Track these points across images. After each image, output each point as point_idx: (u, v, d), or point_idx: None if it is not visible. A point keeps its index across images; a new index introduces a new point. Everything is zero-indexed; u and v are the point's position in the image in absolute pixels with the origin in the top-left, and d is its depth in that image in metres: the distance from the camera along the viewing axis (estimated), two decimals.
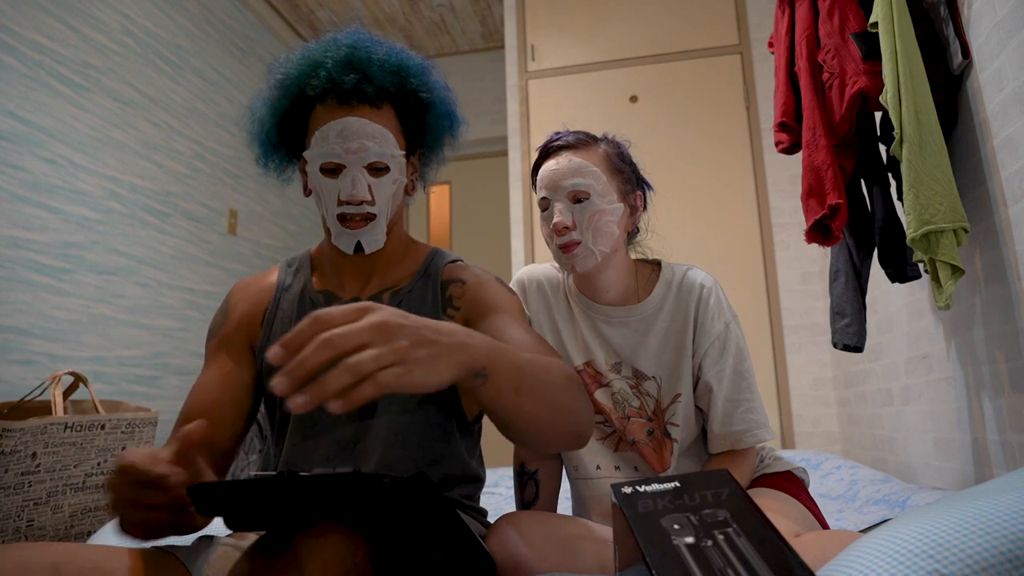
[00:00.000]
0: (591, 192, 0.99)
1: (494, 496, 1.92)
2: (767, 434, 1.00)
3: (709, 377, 1.01)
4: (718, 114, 2.84)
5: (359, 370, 0.52)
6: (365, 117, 0.89)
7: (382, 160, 0.90)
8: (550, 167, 1.02)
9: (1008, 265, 1.28)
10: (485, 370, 0.64)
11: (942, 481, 1.67)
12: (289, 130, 0.96)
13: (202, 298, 2.94)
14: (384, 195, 0.92)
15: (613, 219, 1.00)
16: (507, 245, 3.59)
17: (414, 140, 0.99)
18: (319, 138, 0.89)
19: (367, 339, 0.54)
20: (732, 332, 1.01)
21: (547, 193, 1.01)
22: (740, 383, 1.00)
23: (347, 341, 0.53)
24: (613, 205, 1.00)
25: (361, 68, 0.89)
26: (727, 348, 1.00)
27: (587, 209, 0.99)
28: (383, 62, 0.91)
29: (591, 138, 1.05)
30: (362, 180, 0.89)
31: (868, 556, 0.46)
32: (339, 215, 0.91)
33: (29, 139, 2.13)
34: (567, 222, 0.98)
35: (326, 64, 0.89)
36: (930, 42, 1.43)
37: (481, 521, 0.98)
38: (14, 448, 1.42)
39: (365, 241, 0.92)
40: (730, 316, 1.03)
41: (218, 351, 0.95)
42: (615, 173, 1.03)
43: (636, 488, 0.54)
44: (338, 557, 0.58)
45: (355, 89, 0.89)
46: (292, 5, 3.72)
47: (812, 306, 2.63)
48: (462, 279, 0.97)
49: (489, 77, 4.16)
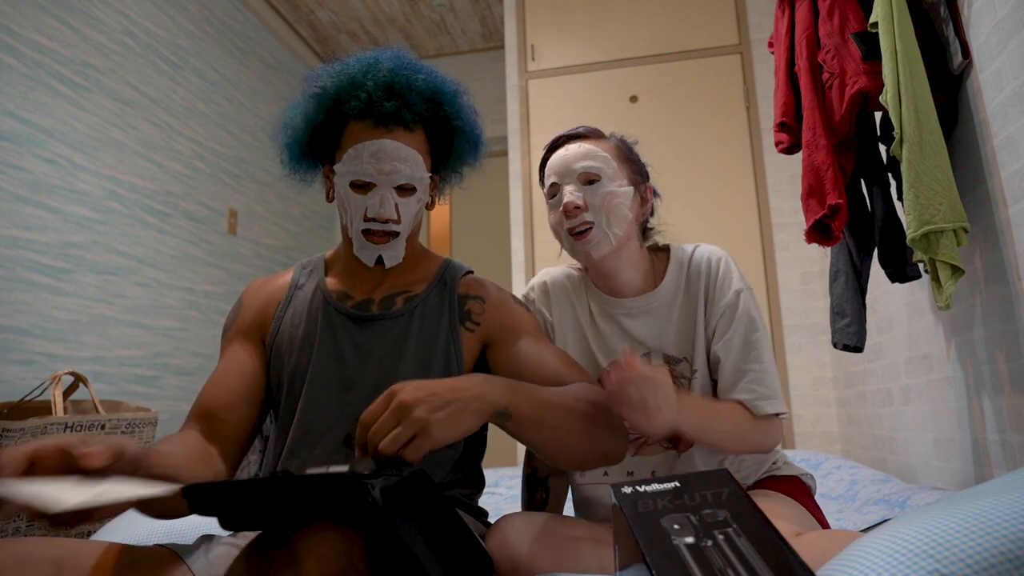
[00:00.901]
0: (602, 175, 0.99)
1: (494, 496, 1.91)
2: (773, 406, 0.96)
3: (718, 348, 0.99)
4: (718, 114, 2.84)
5: (389, 452, 0.67)
6: (399, 140, 0.92)
7: (411, 182, 0.93)
8: (560, 154, 1.02)
9: (1008, 265, 1.28)
10: (507, 410, 0.74)
11: (942, 481, 1.67)
12: (320, 140, 0.99)
13: (202, 298, 2.94)
14: (409, 214, 0.95)
15: (625, 201, 1.00)
16: (507, 245, 3.59)
17: (439, 160, 1.02)
18: (352, 155, 0.91)
19: (392, 424, 0.68)
20: (743, 301, 1.00)
21: (556, 178, 1.01)
22: (749, 353, 0.98)
23: (381, 432, 0.68)
24: (624, 188, 1.00)
25: (401, 94, 0.92)
26: (737, 318, 0.99)
27: (599, 190, 0.98)
28: (421, 90, 0.94)
29: (599, 131, 1.06)
30: (390, 200, 0.92)
31: (868, 556, 0.46)
32: (364, 230, 0.94)
33: (29, 139, 2.13)
34: (578, 202, 0.98)
35: (367, 86, 0.92)
36: (930, 42, 1.43)
37: (482, 521, 0.98)
38: None
39: (387, 256, 0.95)
40: (741, 285, 1.01)
41: (232, 343, 0.98)
42: (625, 161, 1.03)
43: (636, 488, 0.54)
44: (334, 554, 0.59)
45: (394, 114, 0.92)
46: (292, 5, 3.71)
47: (812, 306, 2.63)
48: (481, 296, 1.00)
49: (489, 77, 4.16)
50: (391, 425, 0.67)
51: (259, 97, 3.52)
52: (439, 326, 0.96)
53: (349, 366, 0.93)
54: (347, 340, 0.94)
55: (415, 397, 0.69)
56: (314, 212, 4.02)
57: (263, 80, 3.59)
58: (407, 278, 1.01)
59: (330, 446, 0.90)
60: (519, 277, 2.86)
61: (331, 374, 0.93)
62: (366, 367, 0.93)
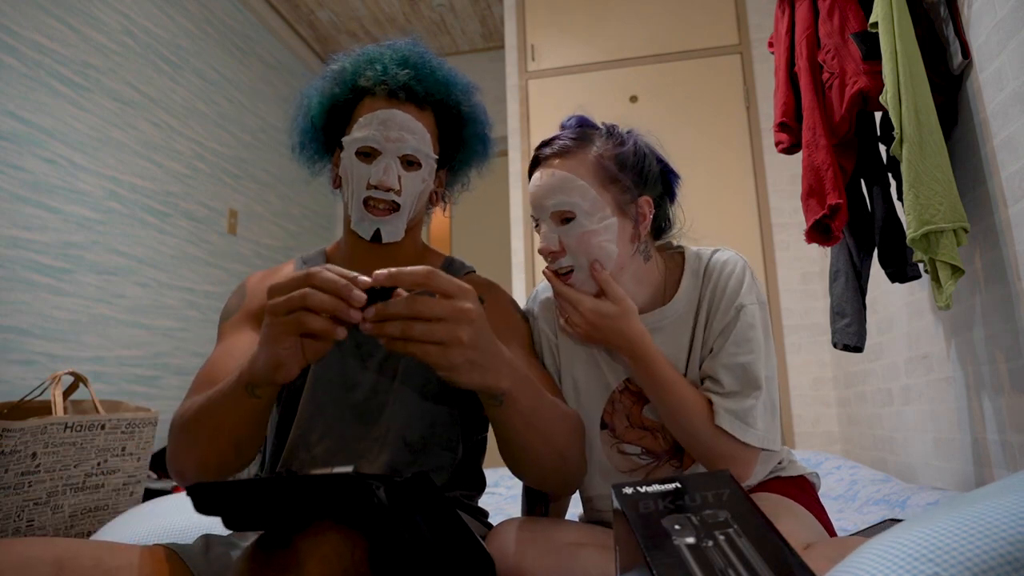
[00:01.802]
0: (576, 211, 0.87)
1: (494, 496, 1.92)
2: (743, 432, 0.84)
3: (709, 368, 0.89)
4: (718, 114, 2.84)
5: (407, 330, 0.62)
6: (409, 113, 0.93)
7: (416, 155, 0.93)
8: (535, 182, 0.93)
9: (1008, 265, 1.28)
10: (503, 396, 0.70)
11: (942, 481, 1.67)
12: (334, 120, 0.99)
13: (202, 298, 2.94)
14: (411, 189, 0.94)
15: (607, 238, 0.88)
16: (507, 245, 3.59)
17: (448, 152, 1.02)
18: (362, 124, 0.93)
19: (445, 315, 0.62)
20: (743, 317, 0.87)
21: (534, 211, 0.93)
22: (747, 378, 0.86)
23: (431, 309, 0.62)
24: (605, 222, 0.88)
25: (414, 68, 0.94)
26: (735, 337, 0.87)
27: (573, 231, 0.88)
28: (435, 69, 0.96)
29: (584, 138, 0.93)
30: (394, 169, 0.92)
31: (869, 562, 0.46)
32: (365, 199, 0.93)
33: (29, 139, 2.13)
34: (552, 246, 0.89)
35: (382, 59, 0.94)
36: (930, 42, 1.43)
37: (482, 522, 0.98)
38: (14, 448, 1.42)
39: (385, 230, 0.93)
40: (746, 301, 0.88)
41: (236, 326, 0.96)
42: (609, 183, 0.89)
43: (637, 489, 0.54)
44: (336, 555, 0.59)
45: (405, 86, 0.93)
46: (292, 5, 3.71)
47: (812, 306, 2.63)
48: (481, 297, 0.98)
49: (489, 77, 4.16)
50: (442, 315, 0.62)
51: (259, 97, 3.52)
52: None
53: (350, 365, 0.93)
54: (348, 338, 0.94)
55: (474, 320, 0.64)
56: (314, 212, 4.02)
57: (263, 80, 3.58)
58: None
59: (330, 446, 0.90)
60: (519, 277, 2.86)
61: (331, 373, 0.92)
62: (367, 366, 0.93)
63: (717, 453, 0.86)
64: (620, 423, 0.95)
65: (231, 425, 0.73)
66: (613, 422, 0.96)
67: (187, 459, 0.77)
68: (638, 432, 0.95)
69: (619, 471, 0.95)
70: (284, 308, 0.63)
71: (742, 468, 0.87)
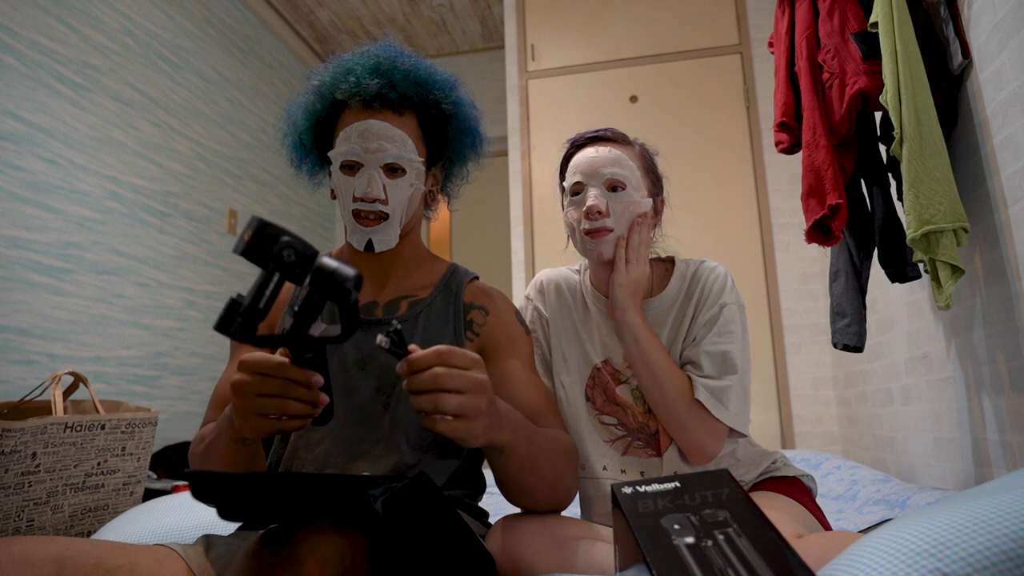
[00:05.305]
0: (627, 183, 1.01)
1: (495, 496, 1.91)
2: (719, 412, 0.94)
3: (690, 354, 1.00)
4: (718, 114, 2.84)
5: (440, 405, 0.66)
6: (387, 121, 0.94)
7: (399, 162, 0.93)
8: (589, 154, 1.03)
9: (1008, 265, 1.28)
10: (505, 448, 0.76)
11: (942, 481, 1.67)
12: (322, 134, 1.00)
13: (202, 298, 2.94)
14: (398, 197, 0.94)
15: (645, 211, 1.03)
16: (507, 245, 3.60)
17: (436, 151, 1.02)
18: (343, 138, 0.94)
19: (466, 388, 0.67)
20: (725, 313, 0.99)
21: (582, 178, 1.03)
22: (725, 364, 0.97)
23: (451, 383, 0.66)
24: (645, 199, 1.04)
25: (386, 75, 0.94)
26: (717, 328, 0.99)
27: (622, 199, 1.01)
28: (408, 72, 0.96)
29: (626, 136, 1.09)
30: (377, 180, 0.92)
31: (870, 555, 0.46)
32: (354, 211, 0.94)
33: (29, 139, 2.13)
34: (601, 207, 1.00)
35: (356, 70, 0.94)
36: (930, 42, 1.43)
37: (483, 522, 0.98)
38: (14, 448, 1.42)
39: (376, 240, 0.94)
40: (729, 300, 1.01)
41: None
42: (647, 172, 1.06)
43: (636, 488, 0.54)
44: (336, 555, 0.59)
45: (379, 94, 0.93)
46: (292, 5, 3.71)
47: (812, 306, 2.63)
48: (486, 307, 1.00)
49: (489, 77, 4.16)
50: (462, 388, 0.66)
51: (259, 97, 3.52)
52: (443, 333, 0.96)
53: (351, 370, 0.93)
54: (350, 344, 0.94)
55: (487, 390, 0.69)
56: (314, 212, 4.03)
57: (263, 80, 3.59)
58: (412, 282, 1.01)
59: (332, 447, 0.90)
60: (519, 277, 2.86)
61: (334, 378, 0.92)
62: (368, 372, 0.93)
63: (690, 424, 0.95)
64: (599, 397, 1.06)
65: (235, 462, 0.80)
66: (594, 395, 1.06)
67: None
68: (612, 407, 1.05)
69: (602, 440, 1.05)
70: (253, 391, 0.68)
71: (712, 443, 0.96)
